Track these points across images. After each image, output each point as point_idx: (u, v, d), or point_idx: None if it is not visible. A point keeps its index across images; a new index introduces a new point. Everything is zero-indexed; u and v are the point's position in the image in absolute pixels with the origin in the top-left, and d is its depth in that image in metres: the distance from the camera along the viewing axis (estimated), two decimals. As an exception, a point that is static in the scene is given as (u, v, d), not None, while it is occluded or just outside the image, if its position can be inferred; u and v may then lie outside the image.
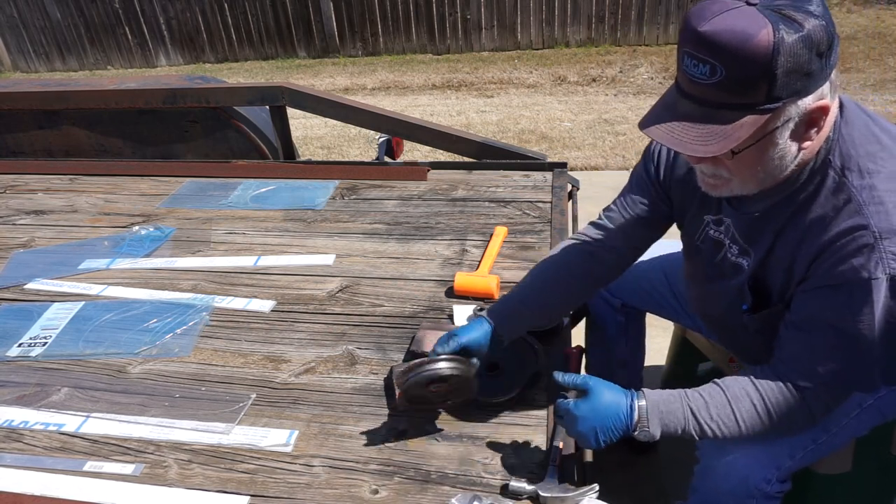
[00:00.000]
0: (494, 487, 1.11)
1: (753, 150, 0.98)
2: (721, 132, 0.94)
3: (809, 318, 1.08)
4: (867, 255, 0.98)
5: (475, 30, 7.43)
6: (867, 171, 1.01)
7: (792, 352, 1.12)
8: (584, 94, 5.98)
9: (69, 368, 1.47)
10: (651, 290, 1.69)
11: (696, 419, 1.09)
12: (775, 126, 0.95)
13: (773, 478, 1.23)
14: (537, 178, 2.22)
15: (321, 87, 6.61)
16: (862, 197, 1.00)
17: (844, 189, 1.02)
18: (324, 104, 2.54)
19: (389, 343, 1.48)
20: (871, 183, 1.01)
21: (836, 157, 1.03)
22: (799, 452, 1.25)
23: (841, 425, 1.28)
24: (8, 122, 2.82)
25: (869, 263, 0.98)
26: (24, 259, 1.94)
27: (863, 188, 1.01)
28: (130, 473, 1.18)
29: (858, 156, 1.03)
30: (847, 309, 1.02)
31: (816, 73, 0.92)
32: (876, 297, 0.99)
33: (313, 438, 1.24)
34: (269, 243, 1.94)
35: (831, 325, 1.05)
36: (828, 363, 1.07)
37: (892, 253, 0.97)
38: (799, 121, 0.96)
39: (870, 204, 1.00)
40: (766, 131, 0.96)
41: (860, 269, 0.99)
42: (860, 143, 1.03)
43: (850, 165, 1.03)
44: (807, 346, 1.09)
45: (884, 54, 6.06)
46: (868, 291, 0.99)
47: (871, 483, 1.53)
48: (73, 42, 8.19)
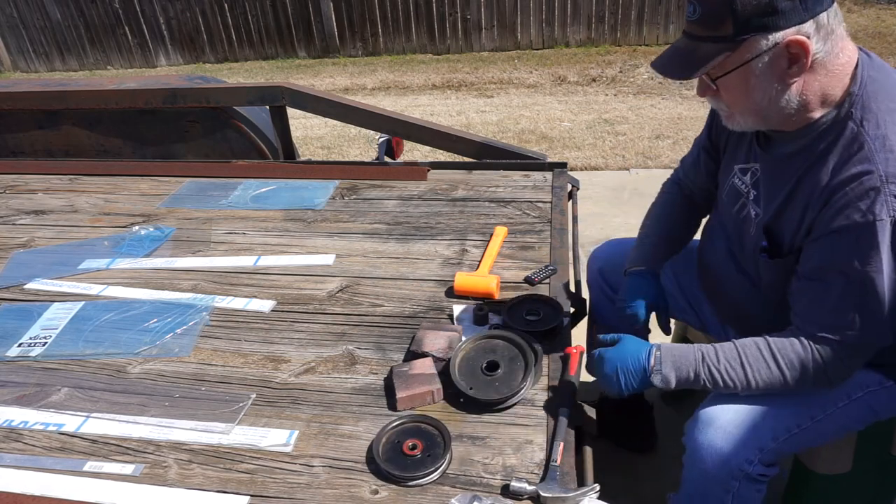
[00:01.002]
0: (494, 487, 1.11)
1: (734, 79, 1.10)
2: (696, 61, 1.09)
3: (818, 268, 1.12)
4: (873, 197, 1.03)
5: (475, 30, 7.43)
6: (884, 123, 1.06)
7: (803, 304, 1.16)
8: (584, 94, 5.99)
9: (69, 368, 1.47)
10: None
11: (706, 363, 1.18)
12: (748, 58, 1.06)
13: (755, 459, 1.24)
14: (537, 178, 2.22)
15: (321, 87, 6.61)
16: (874, 145, 1.05)
17: (859, 138, 1.08)
18: (324, 104, 2.54)
19: (389, 343, 1.48)
20: (884, 133, 1.06)
21: (857, 110, 1.09)
22: (782, 435, 1.26)
23: (827, 413, 1.28)
24: (8, 122, 2.82)
25: (874, 206, 1.03)
26: (24, 259, 1.94)
27: (876, 137, 1.06)
28: (130, 473, 1.18)
29: (879, 110, 1.08)
30: (853, 253, 1.06)
31: (787, 12, 1.02)
32: (881, 238, 1.03)
33: (313, 438, 1.23)
34: (269, 243, 1.94)
35: (839, 272, 1.08)
36: (838, 312, 1.10)
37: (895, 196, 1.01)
38: (774, 54, 1.06)
39: (880, 151, 1.04)
40: (740, 62, 1.07)
41: (866, 211, 1.03)
42: (882, 99, 1.08)
43: (869, 117, 1.08)
44: (816, 295, 1.13)
45: (884, 54, 6.06)
46: (873, 234, 1.03)
47: (871, 483, 1.53)
48: (73, 42, 8.19)
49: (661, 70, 1.15)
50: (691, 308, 1.67)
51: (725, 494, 1.26)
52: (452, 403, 1.28)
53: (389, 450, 1.17)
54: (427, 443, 1.17)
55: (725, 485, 1.25)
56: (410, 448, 1.16)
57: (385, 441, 1.19)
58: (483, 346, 1.37)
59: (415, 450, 1.15)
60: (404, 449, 1.16)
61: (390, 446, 1.18)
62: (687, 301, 1.66)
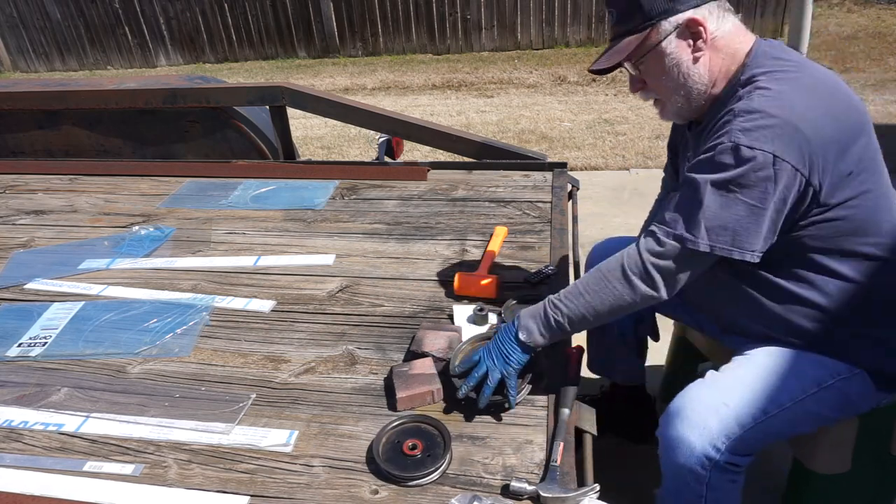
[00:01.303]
0: (494, 487, 1.11)
1: (651, 61, 1.27)
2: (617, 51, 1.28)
3: (679, 184, 1.27)
4: (725, 129, 1.19)
5: (475, 30, 7.43)
6: (762, 79, 1.22)
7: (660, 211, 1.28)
8: (584, 94, 5.99)
9: (69, 368, 1.47)
10: None
11: (551, 301, 1.28)
12: (658, 39, 1.24)
13: (721, 447, 1.26)
14: (537, 178, 2.22)
15: (321, 87, 6.61)
16: (741, 91, 1.22)
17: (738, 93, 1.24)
18: (324, 104, 2.54)
19: (389, 343, 1.48)
20: (754, 83, 1.22)
21: (744, 75, 1.25)
22: (748, 423, 1.28)
23: (796, 401, 1.30)
24: (8, 122, 2.82)
25: (722, 134, 1.18)
26: (24, 259, 1.94)
27: (746, 86, 1.23)
28: (130, 473, 1.18)
29: (758, 68, 1.24)
30: (698, 170, 1.21)
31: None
32: (719, 158, 1.17)
33: (313, 438, 1.23)
34: (269, 243, 1.94)
35: (686, 183, 1.22)
36: (668, 212, 1.23)
37: (741, 127, 1.16)
38: (679, 33, 1.24)
39: (744, 97, 1.21)
40: (653, 44, 1.25)
41: (717, 139, 1.19)
42: (763, 64, 1.24)
43: (752, 77, 1.24)
44: (669, 202, 1.25)
45: (884, 54, 6.06)
46: (714, 153, 1.18)
47: (870, 482, 1.53)
48: (73, 42, 8.19)
49: (592, 66, 1.32)
50: (686, 310, 1.67)
51: (699, 485, 1.28)
52: (453, 403, 1.28)
53: (389, 450, 1.17)
54: (427, 443, 1.17)
55: (697, 475, 1.27)
56: (410, 448, 1.16)
57: (385, 441, 1.19)
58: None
59: (415, 450, 1.15)
60: (404, 449, 1.16)
61: (390, 446, 1.18)
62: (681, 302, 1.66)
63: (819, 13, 7.17)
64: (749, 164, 1.14)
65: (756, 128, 1.14)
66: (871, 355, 1.33)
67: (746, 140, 1.14)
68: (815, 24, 6.03)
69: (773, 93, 1.18)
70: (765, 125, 1.14)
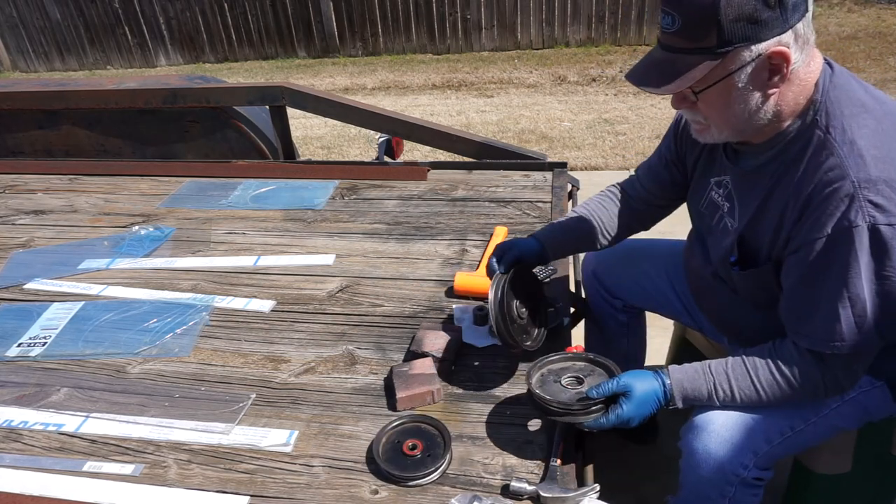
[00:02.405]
0: (494, 487, 1.10)
1: (716, 92, 1.09)
2: (678, 72, 1.07)
3: (800, 279, 1.14)
4: (847, 204, 1.04)
5: (475, 30, 7.43)
6: (849, 128, 1.08)
7: (791, 318, 1.18)
8: (584, 94, 5.98)
9: (69, 368, 1.47)
10: (653, 289, 1.70)
11: (717, 391, 1.19)
12: (731, 69, 1.06)
13: (749, 464, 1.24)
14: (537, 178, 2.22)
15: (321, 87, 6.61)
16: (843, 151, 1.06)
17: (828, 145, 1.09)
18: (324, 104, 2.54)
19: (389, 343, 1.48)
20: (851, 138, 1.07)
21: (822, 118, 1.10)
22: (776, 438, 1.26)
23: (821, 415, 1.28)
24: (8, 122, 2.81)
25: (850, 212, 1.04)
26: (24, 259, 1.94)
27: (843, 143, 1.07)
28: (130, 473, 1.18)
29: (843, 115, 1.09)
30: (834, 261, 1.07)
31: (769, 22, 1.02)
32: (859, 245, 1.04)
33: (313, 438, 1.23)
34: (269, 243, 1.94)
35: (822, 281, 1.09)
36: (830, 321, 1.10)
37: (871, 202, 1.03)
38: (757, 66, 1.05)
39: (850, 157, 1.06)
40: (724, 74, 1.06)
41: (842, 218, 1.05)
42: (845, 105, 1.10)
43: (835, 124, 1.09)
44: (802, 308, 1.15)
45: (884, 54, 6.06)
46: (851, 241, 1.04)
47: (871, 483, 1.53)
48: (73, 42, 8.19)
49: (639, 83, 1.12)
50: (686, 311, 1.67)
51: (722, 499, 1.26)
52: (453, 403, 1.28)
53: (389, 450, 1.17)
54: (427, 443, 1.17)
55: (721, 489, 1.25)
56: (410, 448, 1.15)
57: (385, 441, 1.18)
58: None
59: (415, 450, 1.15)
60: (404, 449, 1.16)
61: (390, 446, 1.18)
62: (682, 304, 1.66)
63: (819, 13, 7.18)
64: (895, 244, 1.03)
65: (887, 201, 1.02)
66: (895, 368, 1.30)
67: (884, 218, 1.02)
68: (816, 24, 6.03)
69: (882, 153, 1.05)
70: (894, 195, 1.03)
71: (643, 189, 1.56)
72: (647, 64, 1.13)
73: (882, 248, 1.04)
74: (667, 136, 1.51)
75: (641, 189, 1.57)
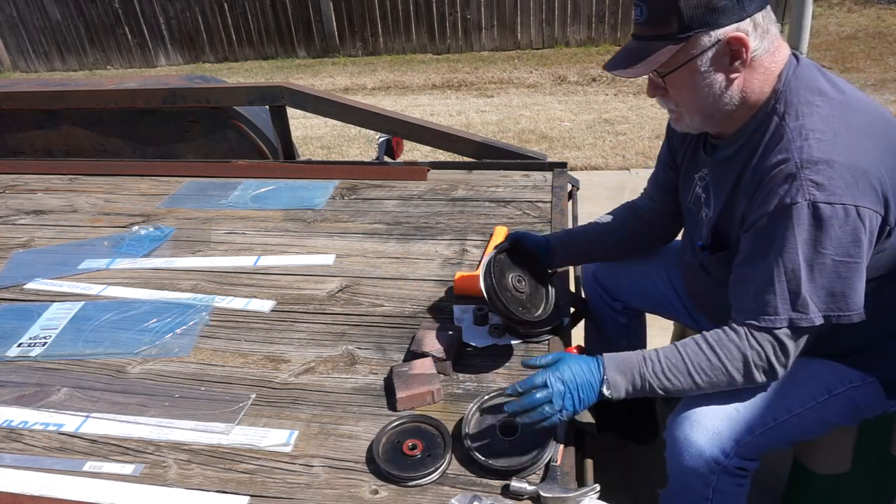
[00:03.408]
0: (494, 487, 1.11)
1: (681, 76, 1.17)
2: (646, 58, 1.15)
3: (746, 256, 1.18)
4: (790, 183, 1.10)
5: (475, 30, 7.43)
6: (801, 115, 1.14)
7: (735, 293, 1.21)
8: (584, 94, 5.98)
9: (69, 368, 1.47)
10: (653, 290, 1.70)
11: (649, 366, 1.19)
12: (693, 53, 1.14)
13: (731, 452, 1.25)
14: (537, 177, 2.22)
15: (321, 87, 6.61)
16: (792, 134, 1.13)
17: (780, 130, 1.15)
18: (324, 104, 2.54)
19: (389, 343, 1.48)
20: (801, 123, 1.13)
21: (780, 105, 1.17)
22: (759, 428, 1.26)
23: (806, 407, 1.29)
24: (8, 122, 2.82)
25: (791, 190, 1.09)
26: (24, 259, 1.94)
27: (794, 128, 1.13)
28: (130, 473, 1.18)
29: (799, 103, 1.15)
30: (774, 237, 1.12)
31: (726, 9, 1.10)
32: (797, 221, 1.09)
33: (313, 438, 1.23)
34: (269, 243, 1.94)
35: (762, 257, 1.15)
36: (764, 295, 1.14)
37: (811, 181, 1.08)
38: (717, 51, 1.13)
39: (796, 140, 1.12)
40: (687, 58, 1.14)
41: (784, 195, 1.10)
42: (803, 92, 1.16)
43: (790, 110, 1.15)
44: (746, 283, 1.18)
45: (884, 54, 6.06)
46: (789, 217, 1.09)
47: (871, 483, 1.53)
48: (73, 42, 8.19)
49: (612, 68, 1.21)
50: (686, 311, 1.67)
51: (706, 488, 1.27)
52: (453, 403, 1.28)
53: (389, 450, 1.17)
54: (427, 443, 1.17)
55: (704, 478, 1.26)
56: (410, 448, 1.16)
57: (385, 441, 1.19)
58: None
59: (415, 450, 1.15)
60: (404, 449, 1.16)
61: (390, 446, 1.18)
62: (682, 304, 1.67)
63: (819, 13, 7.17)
64: (833, 222, 1.07)
65: (828, 180, 1.07)
66: (888, 365, 1.31)
67: (823, 196, 1.07)
68: (816, 23, 6.04)
69: (829, 137, 1.10)
70: (835, 176, 1.07)
71: (652, 200, 1.60)
72: (622, 53, 1.21)
73: (820, 225, 1.08)
74: (664, 142, 1.57)
75: (650, 201, 1.61)
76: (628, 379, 1.19)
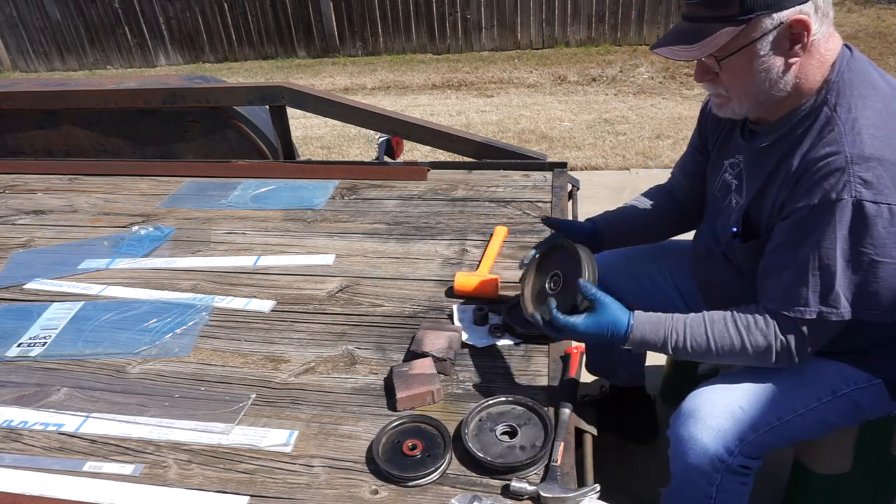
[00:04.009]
0: (495, 487, 1.10)
1: (738, 60, 1.11)
2: (703, 40, 1.09)
3: (780, 245, 1.17)
4: (837, 177, 1.07)
5: (475, 30, 7.43)
6: (855, 107, 1.11)
7: (766, 280, 1.20)
8: (585, 94, 5.98)
9: (68, 368, 1.47)
10: (655, 290, 1.70)
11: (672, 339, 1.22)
12: (753, 37, 1.08)
13: (735, 450, 1.25)
14: (537, 177, 2.22)
15: (321, 87, 6.61)
16: (844, 128, 1.09)
17: (831, 122, 1.12)
18: (324, 104, 2.54)
19: (389, 343, 1.48)
20: (854, 116, 1.10)
21: (832, 96, 1.13)
22: (763, 427, 1.26)
23: (809, 407, 1.29)
24: (8, 122, 2.81)
25: (837, 185, 1.06)
26: (24, 259, 1.94)
27: (846, 121, 1.10)
28: (130, 474, 1.18)
29: (852, 95, 1.12)
30: (813, 229, 1.10)
31: None
32: (839, 217, 1.07)
33: (313, 438, 1.23)
34: (269, 243, 1.94)
35: (799, 247, 1.12)
36: (796, 285, 1.13)
37: (859, 178, 1.05)
38: (778, 34, 1.08)
39: (848, 133, 1.08)
40: (747, 41, 1.09)
41: (829, 190, 1.07)
42: (856, 86, 1.13)
43: (842, 102, 1.12)
44: (778, 272, 1.17)
45: (884, 54, 6.06)
46: (832, 212, 1.07)
47: (871, 483, 1.53)
48: (73, 42, 8.19)
49: (665, 52, 1.15)
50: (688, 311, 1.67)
51: (709, 486, 1.27)
52: (453, 403, 1.28)
53: (389, 450, 1.17)
54: (427, 443, 1.17)
55: (708, 477, 1.26)
56: (410, 448, 1.15)
57: (385, 441, 1.18)
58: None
59: (415, 450, 1.15)
60: (404, 449, 1.16)
61: (390, 446, 1.18)
62: (686, 305, 1.66)
63: (819, 13, 7.16)
64: (878, 221, 1.06)
65: (876, 178, 1.05)
66: (895, 366, 1.31)
67: (870, 194, 1.05)
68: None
69: (883, 133, 1.08)
70: (884, 174, 1.05)
71: (679, 185, 1.60)
72: (673, 34, 1.15)
73: (863, 224, 1.07)
74: (696, 128, 1.54)
75: (678, 186, 1.61)
76: (649, 345, 1.23)
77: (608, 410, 2.01)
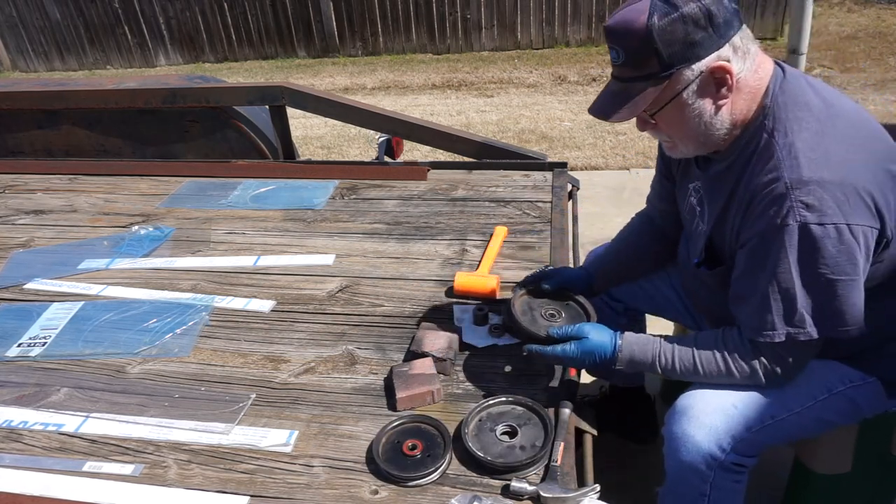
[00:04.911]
0: (495, 487, 1.10)
1: (670, 110, 1.16)
2: (630, 101, 1.15)
3: (742, 273, 1.20)
4: (780, 203, 1.10)
5: (475, 29, 7.43)
6: (791, 131, 1.14)
7: (736, 308, 1.24)
8: (585, 94, 5.98)
9: (68, 368, 1.47)
10: (654, 291, 1.70)
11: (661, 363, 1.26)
12: (678, 89, 1.13)
13: (727, 447, 1.25)
14: (537, 177, 2.22)
15: (321, 86, 6.60)
16: (781, 153, 1.12)
17: (770, 148, 1.15)
18: (324, 104, 2.54)
19: (389, 343, 1.48)
20: (790, 140, 1.13)
21: (769, 121, 1.17)
22: (756, 425, 1.27)
23: (805, 406, 1.30)
24: (8, 122, 2.81)
25: (781, 211, 1.10)
26: (24, 259, 1.94)
27: (783, 146, 1.13)
28: (130, 474, 1.18)
29: (787, 119, 1.15)
30: (767, 256, 1.14)
31: (703, 42, 1.09)
32: (789, 242, 1.10)
33: (313, 438, 1.23)
34: (269, 243, 1.93)
35: (758, 275, 1.16)
36: (762, 312, 1.16)
37: (801, 202, 1.08)
38: (702, 82, 1.13)
39: (786, 159, 1.11)
40: (673, 94, 1.14)
41: (774, 216, 1.11)
42: (791, 108, 1.15)
43: (778, 127, 1.15)
44: (745, 300, 1.20)
45: (884, 54, 6.06)
46: (781, 237, 1.10)
47: (871, 483, 1.53)
48: (73, 42, 8.18)
49: (599, 114, 1.19)
50: (688, 312, 1.68)
51: (703, 484, 1.28)
52: (453, 403, 1.28)
53: (389, 450, 1.17)
54: (427, 443, 1.17)
55: (701, 474, 1.27)
56: (410, 448, 1.15)
57: (385, 441, 1.18)
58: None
59: (415, 450, 1.15)
60: (404, 449, 1.16)
61: (390, 446, 1.18)
62: (684, 306, 1.67)
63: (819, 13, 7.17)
64: (826, 242, 1.08)
65: (818, 201, 1.07)
66: (889, 366, 1.31)
67: (814, 217, 1.07)
68: (816, 23, 6.03)
69: (819, 154, 1.10)
70: (825, 196, 1.07)
71: (656, 211, 1.62)
72: (604, 96, 1.20)
73: (813, 246, 1.09)
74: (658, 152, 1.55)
75: (654, 211, 1.63)
76: (639, 364, 1.27)
77: (608, 410, 2.00)
